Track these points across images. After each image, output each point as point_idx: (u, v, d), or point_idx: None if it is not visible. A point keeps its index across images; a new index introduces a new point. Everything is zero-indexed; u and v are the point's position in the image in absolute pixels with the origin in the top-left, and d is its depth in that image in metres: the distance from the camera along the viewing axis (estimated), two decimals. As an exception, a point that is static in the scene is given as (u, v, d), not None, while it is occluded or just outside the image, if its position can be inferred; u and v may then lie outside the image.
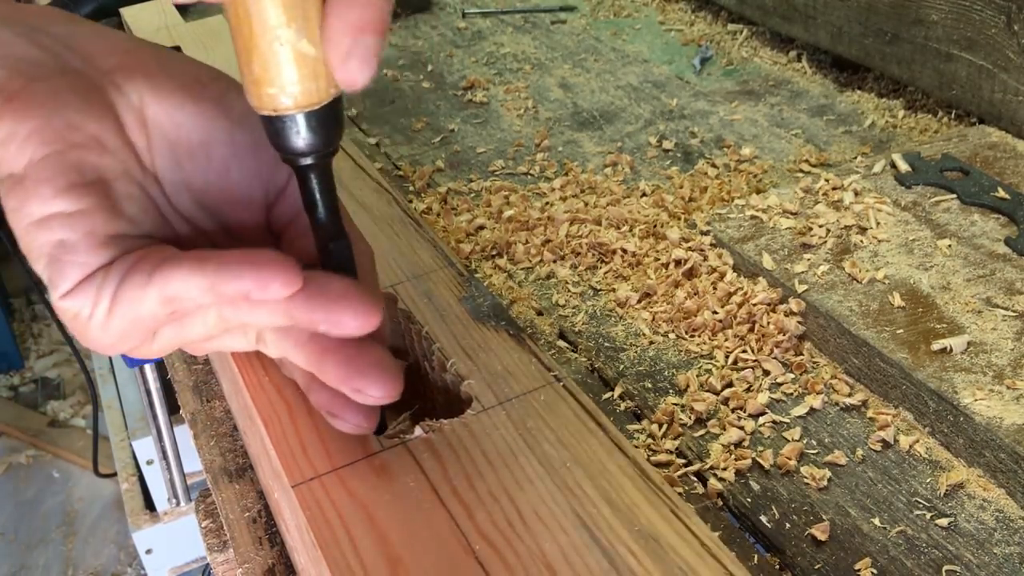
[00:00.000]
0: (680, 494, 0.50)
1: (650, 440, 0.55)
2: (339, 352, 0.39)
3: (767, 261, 0.64)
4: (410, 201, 0.79)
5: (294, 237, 0.42)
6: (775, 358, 0.59)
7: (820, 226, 0.67)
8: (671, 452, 0.54)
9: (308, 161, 0.37)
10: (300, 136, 0.36)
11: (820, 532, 0.49)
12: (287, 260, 0.36)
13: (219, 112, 0.40)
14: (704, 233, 0.69)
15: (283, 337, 0.41)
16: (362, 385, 0.38)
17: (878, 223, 0.67)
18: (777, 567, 0.48)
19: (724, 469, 0.52)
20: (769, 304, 0.62)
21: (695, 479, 0.52)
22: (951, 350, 0.55)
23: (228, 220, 0.42)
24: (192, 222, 0.41)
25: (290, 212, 0.42)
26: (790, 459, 0.53)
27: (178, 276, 0.35)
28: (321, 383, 0.41)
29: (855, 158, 0.81)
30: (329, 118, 0.36)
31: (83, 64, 0.39)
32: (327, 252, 0.40)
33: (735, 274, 0.65)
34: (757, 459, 0.53)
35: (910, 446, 0.53)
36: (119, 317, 0.36)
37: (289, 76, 0.34)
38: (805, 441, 0.54)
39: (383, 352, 0.39)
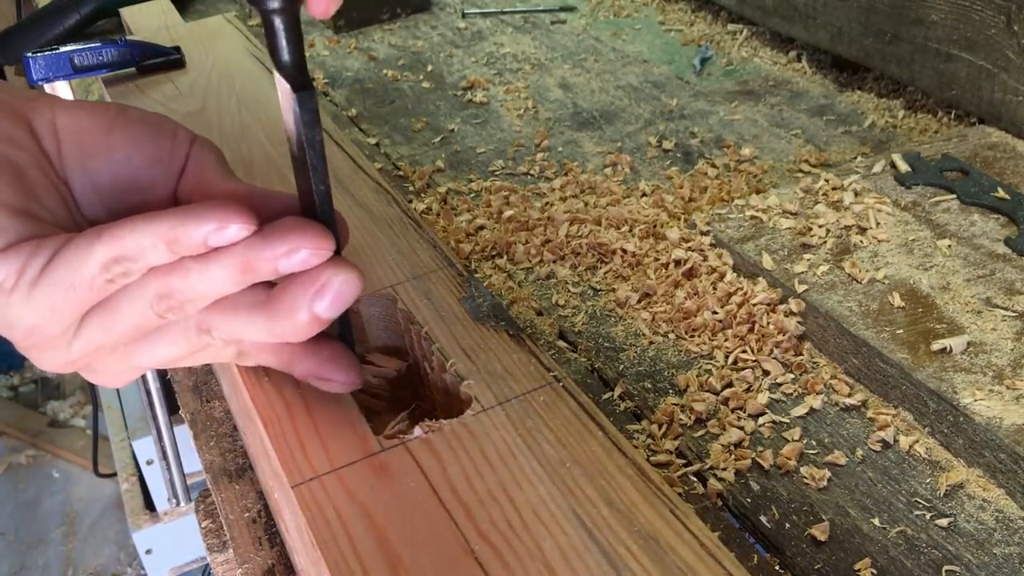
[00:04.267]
0: (680, 494, 0.50)
1: (650, 440, 0.55)
2: (305, 350, 0.42)
3: (767, 261, 0.64)
4: (410, 201, 0.79)
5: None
6: (775, 358, 0.59)
7: (820, 226, 0.67)
8: (671, 452, 0.54)
9: (275, 4, 0.37)
10: None
11: (820, 532, 0.48)
12: (240, 205, 0.36)
13: (119, 113, 0.43)
14: (704, 233, 0.69)
15: (257, 347, 0.42)
16: (328, 375, 0.43)
17: (878, 223, 0.67)
18: (777, 567, 0.48)
19: (724, 469, 0.52)
20: (769, 304, 0.62)
21: (695, 479, 0.52)
22: (951, 350, 0.55)
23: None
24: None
25: (193, 183, 0.43)
26: (790, 459, 0.53)
27: (131, 229, 0.35)
28: (302, 355, 0.43)
29: (855, 158, 0.81)
30: None
31: (3, 94, 0.41)
32: (288, 100, 0.40)
33: (735, 274, 0.65)
34: (757, 459, 0.53)
35: (910, 446, 0.53)
36: (48, 285, 0.35)
37: None
38: (805, 441, 0.54)
39: (342, 346, 0.43)
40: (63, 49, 0.80)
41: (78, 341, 0.37)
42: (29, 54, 0.79)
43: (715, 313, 0.62)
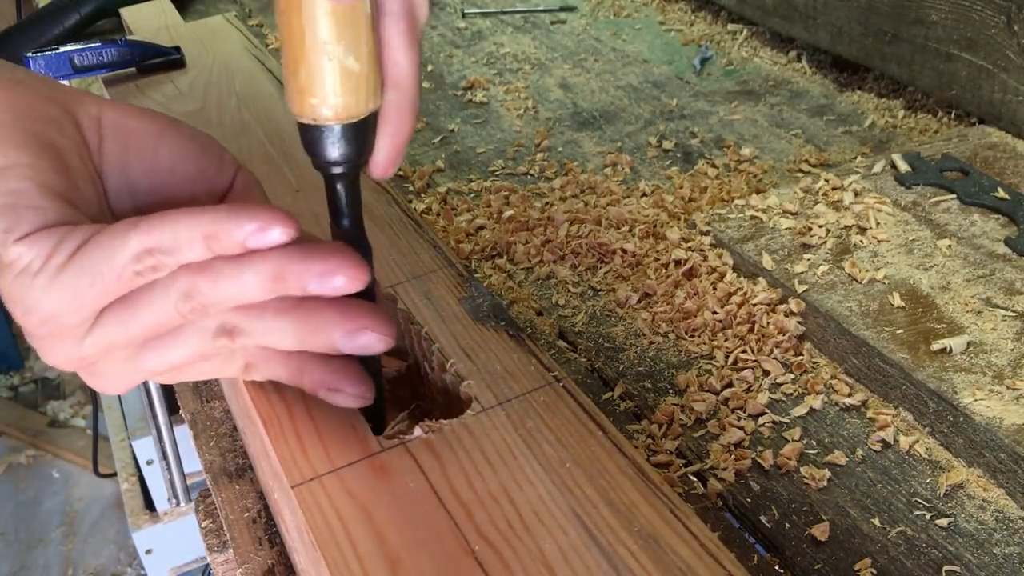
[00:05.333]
0: (680, 494, 0.50)
1: (650, 440, 0.55)
2: (316, 361, 0.42)
3: (767, 261, 0.64)
4: (410, 201, 0.79)
5: None
6: (775, 358, 0.59)
7: (820, 226, 0.67)
8: (671, 452, 0.54)
9: (340, 170, 0.39)
10: (336, 146, 0.38)
11: (820, 532, 0.48)
12: (283, 210, 0.36)
13: (170, 124, 0.43)
14: (704, 233, 0.69)
15: (266, 357, 0.42)
16: (339, 385, 0.42)
17: (878, 223, 0.67)
18: (777, 567, 0.48)
19: (724, 469, 0.52)
20: (769, 304, 0.62)
21: (695, 479, 0.52)
22: (951, 350, 0.55)
23: None
24: None
25: None
26: (790, 459, 0.53)
27: (171, 221, 0.35)
28: (313, 364, 0.42)
29: (855, 158, 0.81)
30: (363, 131, 0.38)
31: (49, 89, 0.41)
32: None
33: (735, 274, 0.65)
34: (757, 459, 0.53)
35: (910, 446, 0.53)
36: (76, 271, 0.35)
37: (333, 89, 0.37)
38: (805, 441, 0.54)
39: (354, 360, 0.42)
40: (63, 49, 0.80)
41: (92, 336, 0.37)
42: (29, 54, 0.79)
43: (715, 313, 0.62)
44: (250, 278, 0.36)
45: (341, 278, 0.37)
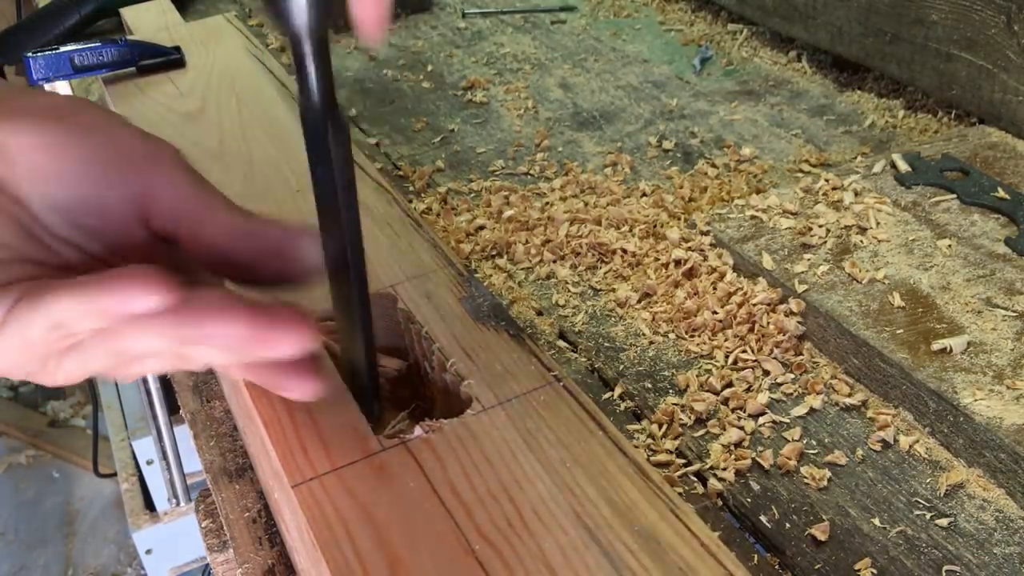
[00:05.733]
0: (680, 494, 0.50)
1: (650, 440, 0.55)
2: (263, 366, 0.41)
3: (767, 261, 0.64)
4: (410, 201, 0.79)
5: (194, 236, 0.41)
6: (775, 358, 0.59)
7: (820, 226, 0.67)
8: (671, 452, 0.54)
9: (304, 27, 0.37)
10: (296, 3, 0.36)
11: (820, 532, 0.49)
12: (160, 273, 0.35)
13: (78, 132, 0.40)
14: (704, 233, 0.69)
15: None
16: (285, 386, 0.42)
17: (878, 223, 0.67)
18: (777, 567, 0.48)
19: (724, 469, 0.52)
20: (769, 304, 0.62)
21: (695, 479, 0.52)
22: (951, 350, 0.55)
23: (108, 237, 0.41)
24: (75, 245, 0.40)
25: (173, 216, 0.41)
26: (790, 459, 0.53)
27: (60, 299, 0.35)
28: (259, 368, 0.41)
29: (855, 158, 0.81)
30: None
31: None
32: (317, 135, 0.39)
33: (735, 274, 0.65)
34: (757, 459, 0.53)
35: (910, 446, 0.53)
36: (7, 338, 0.35)
37: None
38: (805, 441, 0.54)
39: (309, 358, 0.41)
40: (63, 49, 0.80)
41: (62, 372, 0.37)
42: (29, 54, 0.79)
43: (715, 313, 0.62)
44: (156, 342, 0.36)
45: (238, 338, 0.36)
